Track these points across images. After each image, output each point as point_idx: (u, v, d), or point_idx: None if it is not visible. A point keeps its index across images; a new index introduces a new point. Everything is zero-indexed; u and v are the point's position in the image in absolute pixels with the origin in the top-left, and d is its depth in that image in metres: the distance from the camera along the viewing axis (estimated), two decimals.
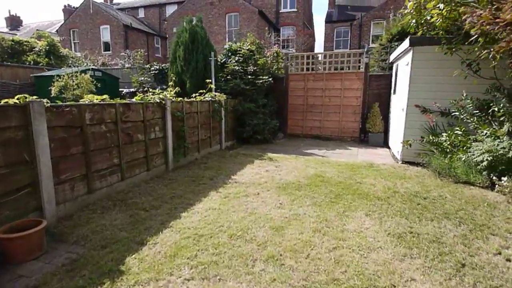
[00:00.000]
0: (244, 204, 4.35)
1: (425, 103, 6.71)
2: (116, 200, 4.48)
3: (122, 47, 24.75)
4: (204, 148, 7.69)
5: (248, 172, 6.06)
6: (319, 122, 10.75)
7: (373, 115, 9.56)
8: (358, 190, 4.98)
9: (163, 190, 4.99)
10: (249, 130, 9.24)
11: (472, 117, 5.84)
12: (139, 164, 5.39)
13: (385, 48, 10.01)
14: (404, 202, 4.49)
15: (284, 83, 10.97)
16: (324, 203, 4.41)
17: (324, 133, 10.72)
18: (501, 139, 5.06)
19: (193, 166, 6.61)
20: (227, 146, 8.92)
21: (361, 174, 6.02)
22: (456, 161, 5.69)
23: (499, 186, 4.76)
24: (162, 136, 5.99)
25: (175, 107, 6.36)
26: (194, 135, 7.17)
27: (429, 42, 6.42)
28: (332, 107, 10.50)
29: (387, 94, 9.87)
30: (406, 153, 6.96)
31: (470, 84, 6.17)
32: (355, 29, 25.67)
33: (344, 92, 10.27)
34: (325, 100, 10.54)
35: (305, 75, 10.68)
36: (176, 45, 9.88)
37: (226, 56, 10.85)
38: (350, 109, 10.31)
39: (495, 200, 4.62)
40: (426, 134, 6.70)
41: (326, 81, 10.43)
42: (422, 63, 6.60)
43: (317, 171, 6.16)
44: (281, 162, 6.92)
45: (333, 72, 10.38)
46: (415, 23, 5.83)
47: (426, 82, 6.65)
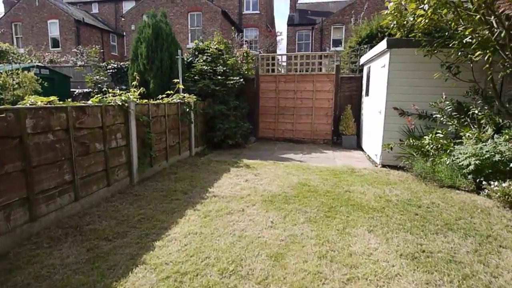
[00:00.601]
0: (229, 225, 3.67)
1: (403, 105, 6.51)
2: (69, 227, 3.57)
3: (74, 43, 22.60)
4: (172, 156, 6.85)
5: (226, 183, 5.37)
6: (291, 125, 10.32)
7: (346, 117, 9.33)
8: (350, 201, 4.53)
9: (129, 210, 4.14)
10: (220, 135, 8.52)
11: (452, 120, 5.70)
12: (98, 179, 4.47)
13: (355, 51, 9.85)
14: (401, 212, 4.11)
15: (254, 84, 10.40)
16: (319, 218, 3.88)
17: (297, 136, 10.32)
18: (485, 142, 4.92)
19: (161, 177, 5.77)
20: (197, 152, 8.13)
21: (346, 180, 5.62)
22: (439, 165, 5.50)
23: (489, 190, 4.58)
24: (125, 145, 5.10)
25: (140, 110, 5.49)
26: (161, 142, 6.31)
27: (407, 45, 6.23)
28: (304, 109, 10.13)
29: (358, 96, 9.71)
30: (386, 156, 6.72)
31: (448, 87, 6.06)
32: (317, 33, 25.90)
33: (316, 94, 9.94)
34: (297, 102, 10.14)
35: (276, 76, 10.20)
36: (137, 42, 8.87)
37: (193, 55, 10.02)
38: (322, 111, 10.01)
39: (485, 206, 4.43)
40: (405, 137, 6.51)
41: (298, 83, 10.03)
42: (400, 65, 6.39)
43: (301, 179, 5.64)
44: (260, 170, 6.32)
45: (305, 74, 10.01)
46: (396, 24, 5.55)
47: (404, 85, 6.45)
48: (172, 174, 5.97)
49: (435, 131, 6.02)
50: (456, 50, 5.45)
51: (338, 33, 25.54)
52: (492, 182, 4.61)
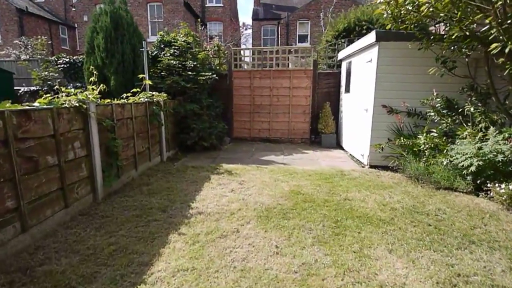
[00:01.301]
0: (226, 254, 3.00)
1: (391, 103, 6.20)
2: (15, 271, 2.68)
3: (16, 35, 20.10)
4: (142, 163, 5.96)
5: (210, 195, 4.66)
6: (267, 124, 9.76)
7: (325, 115, 8.96)
8: (354, 211, 4.06)
9: (96, 238, 3.30)
10: (194, 136, 7.71)
11: (446, 118, 5.47)
12: (52, 201, 3.56)
13: (332, 45, 9.50)
14: (413, 223, 3.71)
15: (227, 80, 9.66)
16: (328, 237, 3.35)
17: (274, 136, 9.78)
18: (485, 141, 4.71)
19: (132, 190, 4.90)
20: (169, 157, 7.26)
21: (339, 186, 5.17)
22: (434, 166, 5.25)
23: (495, 193, 4.35)
24: (85, 155, 4.18)
25: (102, 112, 4.57)
26: (129, 148, 5.42)
27: (397, 38, 5.90)
28: (281, 107, 9.61)
29: (336, 92, 9.38)
30: (374, 157, 6.40)
31: (438, 83, 5.84)
32: (283, 28, 25.58)
33: (293, 91, 9.46)
34: (273, 99, 9.59)
35: (251, 72, 9.55)
36: (92, 32, 7.73)
37: (158, 49, 9.04)
38: (299, 109, 9.56)
39: (490, 209, 4.19)
40: (393, 136, 6.23)
41: (274, 79, 9.47)
42: (389, 60, 6.06)
43: (292, 186, 5.09)
44: (244, 176, 5.67)
45: (281, 69, 9.47)
46: (391, 14, 5.14)
47: (393, 81, 6.13)
48: (144, 185, 5.12)
49: (425, 129, 5.78)
50: (449, 44, 5.20)
51: (303, 28, 25.43)
52: (497, 184, 4.39)
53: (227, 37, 23.87)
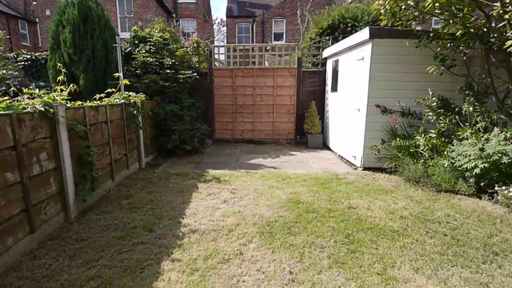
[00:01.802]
0: (233, 285, 2.53)
1: (384, 102, 5.98)
2: None
3: None
4: (119, 172, 5.30)
5: (201, 208, 4.14)
6: (251, 125, 9.30)
7: (311, 115, 8.66)
8: (362, 221, 3.73)
9: (70, 271, 2.70)
10: (175, 139, 7.10)
11: (444, 118, 5.30)
12: (14, 227, 2.90)
13: (316, 43, 9.21)
14: (428, 234, 3.43)
15: (208, 79, 9.09)
16: (345, 256, 2.97)
17: (258, 137, 9.35)
18: (487, 142, 4.56)
19: (109, 204, 4.27)
20: (148, 163, 6.61)
21: (338, 192, 4.84)
22: (433, 167, 5.07)
23: (502, 196, 4.20)
24: (53, 168, 3.52)
25: (73, 116, 3.91)
26: (104, 156, 4.76)
27: (392, 35, 5.68)
28: (265, 107, 9.19)
29: (322, 91, 9.11)
30: (367, 158, 6.16)
31: (432, 82, 5.69)
32: (258, 26, 25.16)
33: (277, 90, 9.08)
34: (257, 99, 9.15)
35: (233, 70, 9.04)
36: (57, 26, 6.89)
37: (131, 45, 8.30)
38: (284, 108, 9.19)
39: (498, 213, 4.03)
40: (388, 137, 6.02)
41: (257, 77, 9.03)
42: (382, 58, 5.82)
43: (288, 194, 4.69)
44: (234, 184, 5.19)
45: (264, 68, 9.05)
46: (389, 9, 4.86)
47: (386, 80, 5.91)
48: (124, 198, 4.50)
49: (421, 129, 5.61)
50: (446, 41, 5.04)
51: (279, 26, 25.18)
52: (504, 187, 4.24)
53: (201, 34, 23.09)
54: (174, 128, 7.07)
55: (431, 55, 5.58)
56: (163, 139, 7.14)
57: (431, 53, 5.50)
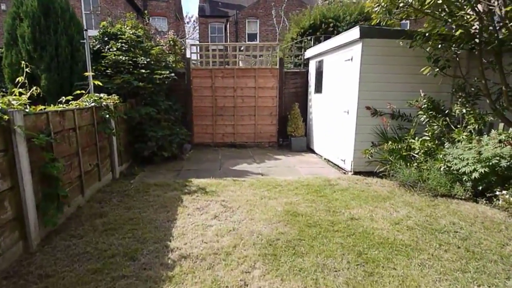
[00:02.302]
0: None
1: (375, 104, 5.76)
2: None
3: None
4: (91, 185, 4.64)
5: (190, 226, 3.62)
6: (232, 128, 8.82)
7: (294, 117, 8.34)
8: (370, 235, 3.40)
9: None
10: (152, 146, 6.46)
11: (437, 120, 5.14)
12: None
13: (298, 43, 8.90)
14: (441, 247, 3.17)
15: (186, 80, 8.49)
16: (363, 279, 2.60)
17: (239, 140, 8.88)
18: (482, 145, 4.43)
19: (79, 225, 3.63)
20: (122, 172, 5.94)
21: (335, 200, 4.51)
22: (427, 171, 4.89)
23: (503, 200, 4.06)
24: (9, 188, 2.86)
25: (34, 124, 3.25)
26: (73, 169, 4.09)
27: (381, 35, 5.47)
28: (246, 109, 8.75)
29: (304, 93, 8.82)
30: (358, 162, 5.91)
31: (422, 83, 5.55)
32: (231, 26, 24.64)
33: (259, 92, 8.67)
34: (238, 101, 8.68)
35: (212, 70, 8.51)
36: (14, 19, 6.03)
37: (101, 42, 7.51)
38: (266, 110, 8.80)
39: (500, 219, 3.89)
40: (378, 139, 5.81)
41: (238, 78, 8.56)
42: (372, 58, 5.58)
43: (284, 205, 4.28)
44: (222, 195, 4.70)
45: (245, 68, 8.61)
46: (385, 6, 4.58)
47: (376, 81, 5.68)
48: (97, 217, 3.87)
49: (412, 132, 5.44)
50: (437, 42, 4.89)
51: (252, 27, 24.82)
52: (504, 191, 4.11)
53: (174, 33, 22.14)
54: (151, 134, 6.43)
55: (420, 55, 5.42)
56: (138, 145, 6.48)
57: (420, 53, 5.35)
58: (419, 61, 5.55)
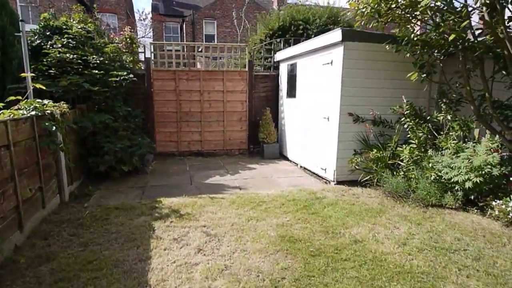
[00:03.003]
0: None
1: (356, 110, 5.45)
2: None
3: None
4: (33, 215, 3.61)
5: (170, 268, 2.84)
6: (198, 135, 8.02)
7: (266, 123, 7.81)
8: (383, 263, 2.95)
9: None
10: (110, 159, 5.46)
11: (423, 127, 4.94)
12: None
13: (268, 45, 8.39)
14: (463, 273, 2.81)
15: (145, 82, 7.51)
16: None
17: (207, 148, 8.11)
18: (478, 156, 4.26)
19: (18, 277, 2.67)
20: (73, 192, 4.87)
21: (329, 217, 4.03)
22: (415, 180, 4.66)
23: (499, 211, 3.90)
24: None
25: None
26: (5, 199, 3.08)
27: (362, 38, 5.18)
28: (214, 114, 8.02)
29: (275, 97, 8.35)
30: (341, 171, 5.55)
31: (402, 89, 5.38)
32: (188, 26, 23.52)
33: (227, 96, 8.00)
34: (205, 105, 7.92)
35: (176, 72, 7.64)
36: None
37: (42, 37, 6.26)
38: (235, 116, 8.16)
39: (498, 230, 3.75)
40: (360, 147, 5.52)
41: (204, 81, 7.81)
42: (353, 62, 5.26)
43: (276, 228, 3.70)
44: (201, 218, 3.97)
45: (213, 70, 7.88)
46: (374, 9, 4.21)
47: (357, 86, 5.38)
48: (43, 261, 2.92)
49: (396, 138, 5.21)
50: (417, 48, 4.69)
51: (210, 28, 23.95)
52: (498, 201, 3.96)
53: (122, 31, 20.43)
54: (108, 146, 5.43)
55: (399, 61, 5.25)
56: (92, 159, 5.44)
57: (399, 59, 5.16)
58: (398, 67, 5.40)
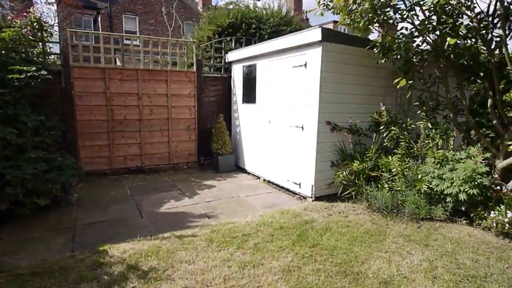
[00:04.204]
0: None
1: (333, 118, 4.88)
2: None
3: None
4: None
5: None
6: (138, 147, 6.46)
7: (221, 132, 6.74)
8: None
9: None
10: (15, 193, 3.69)
11: (405, 137, 4.59)
12: None
13: (218, 43, 7.28)
14: None
15: (64, 82, 5.65)
16: None
17: (149, 163, 6.60)
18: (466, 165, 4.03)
19: None
20: None
21: (335, 250, 3.26)
22: (402, 193, 4.27)
23: (496, 222, 3.69)
24: None
25: None
26: None
27: (340, 40, 4.63)
28: (157, 122, 6.57)
29: (227, 102, 7.32)
30: (318, 186, 4.89)
31: (375, 96, 5.08)
32: (104, 20, 20.49)
33: (172, 100, 6.65)
34: (145, 112, 6.41)
35: (106, 70, 5.96)
36: None
37: None
38: (182, 123, 6.85)
39: (499, 242, 3.56)
40: (337, 158, 4.98)
41: (144, 82, 6.31)
42: (332, 66, 4.67)
43: (285, 279, 2.73)
44: (178, 275, 2.73)
45: (154, 70, 6.43)
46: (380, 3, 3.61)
47: (335, 92, 4.81)
48: None
49: (374, 148, 4.80)
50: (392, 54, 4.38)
51: (131, 23, 21.35)
52: (495, 212, 3.77)
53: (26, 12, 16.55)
54: (12, 172, 3.67)
55: (374, 66, 4.93)
56: None
57: (371, 64, 4.85)
58: (371, 72, 5.07)
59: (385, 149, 4.94)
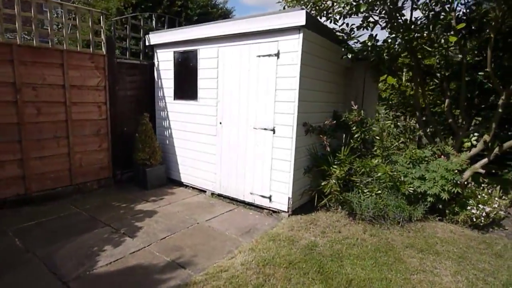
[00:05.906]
0: None
1: (308, 119, 4.25)
2: None
3: None
4: None
5: None
6: (18, 165, 4.14)
7: (147, 136, 5.11)
8: None
9: None
10: None
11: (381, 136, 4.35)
12: None
13: (133, 18, 5.39)
14: None
15: None
16: None
17: (39, 187, 4.34)
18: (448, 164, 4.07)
19: None
20: None
21: (370, 282, 2.66)
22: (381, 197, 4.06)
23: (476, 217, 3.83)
24: None
25: None
26: None
27: (321, 30, 4.03)
28: (49, 127, 4.39)
29: (150, 98, 5.64)
30: (294, 197, 4.19)
31: (331, 93, 4.75)
32: None
33: (72, 94, 4.58)
34: (27, 111, 4.16)
35: None
36: None
37: None
38: (88, 127, 4.84)
39: (483, 237, 3.73)
40: (310, 163, 4.41)
41: (24, 66, 4.05)
42: (310, 58, 4.01)
43: None
44: None
45: (42, 47, 4.21)
46: None
47: (310, 89, 4.19)
48: None
49: (347, 151, 4.42)
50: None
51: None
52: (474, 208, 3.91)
53: None
54: None
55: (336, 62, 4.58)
56: None
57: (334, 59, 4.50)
58: (334, 68, 4.70)
59: (352, 150, 4.65)
